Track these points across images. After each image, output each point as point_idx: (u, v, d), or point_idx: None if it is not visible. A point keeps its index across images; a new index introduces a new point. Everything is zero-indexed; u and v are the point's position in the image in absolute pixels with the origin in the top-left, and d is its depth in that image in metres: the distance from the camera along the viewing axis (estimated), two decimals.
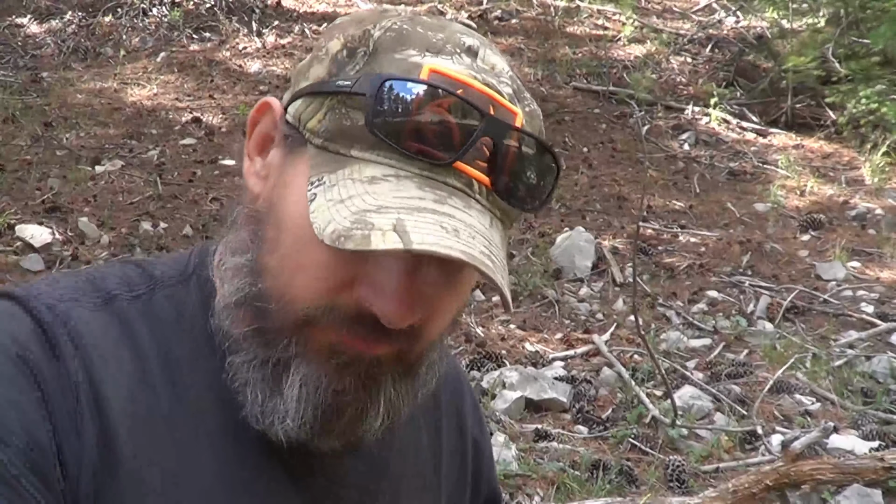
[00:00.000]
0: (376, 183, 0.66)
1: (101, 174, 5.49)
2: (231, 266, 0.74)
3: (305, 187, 0.69)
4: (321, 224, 0.65)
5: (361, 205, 0.65)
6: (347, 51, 0.71)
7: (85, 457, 0.68)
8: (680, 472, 3.24)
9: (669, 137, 7.31)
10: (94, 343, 0.72)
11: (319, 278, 0.69)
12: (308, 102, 0.71)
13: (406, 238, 0.62)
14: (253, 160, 0.76)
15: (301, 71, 0.75)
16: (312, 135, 0.70)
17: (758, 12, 8.71)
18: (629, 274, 4.98)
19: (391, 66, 0.68)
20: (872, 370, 4.14)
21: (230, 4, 8.11)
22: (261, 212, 0.73)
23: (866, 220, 6.09)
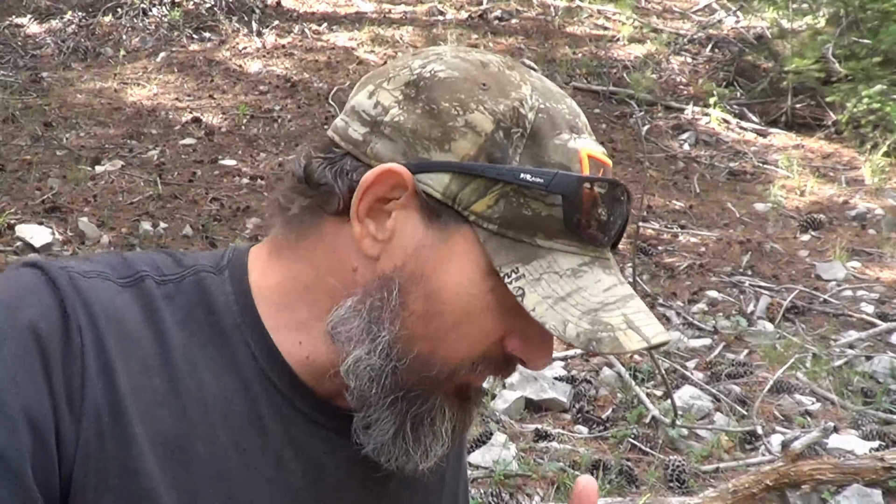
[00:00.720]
0: (580, 276, 0.73)
1: (101, 174, 5.49)
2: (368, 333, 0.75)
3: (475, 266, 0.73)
4: (557, 325, 0.71)
5: (585, 303, 0.72)
6: (503, 131, 0.73)
7: (81, 446, 0.68)
8: (680, 472, 3.24)
9: (669, 137, 7.31)
10: (115, 319, 0.73)
11: (479, 341, 0.75)
12: (464, 182, 0.72)
13: (643, 335, 0.72)
14: (363, 223, 0.75)
15: (423, 135, 0.74)
16: (480, 218, 0.72)
17: (758, 12, 8.71)
18: (629, 274, 4.98)
19: (556, 153, 0.74)
20: (872, 370, 4.14)
21: (230, 4, 8.12)
22: (400, 283, 0.74)
23: (866, 220, 6.09)
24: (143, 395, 0.72)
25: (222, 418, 0.75)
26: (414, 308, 0.74)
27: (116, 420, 0.70)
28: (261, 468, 0.76)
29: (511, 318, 0.74)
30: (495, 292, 0.73)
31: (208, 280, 0.79)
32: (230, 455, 0.75)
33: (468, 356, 0.75)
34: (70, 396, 0.68)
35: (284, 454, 0.77)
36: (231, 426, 0.75)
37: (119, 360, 0.71)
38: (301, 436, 0.79)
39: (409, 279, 0.74)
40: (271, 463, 0.77)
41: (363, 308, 0.75)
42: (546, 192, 0.71)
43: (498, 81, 0.75)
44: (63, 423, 0.67)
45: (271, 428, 0.77)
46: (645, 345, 0.72)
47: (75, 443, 0.68)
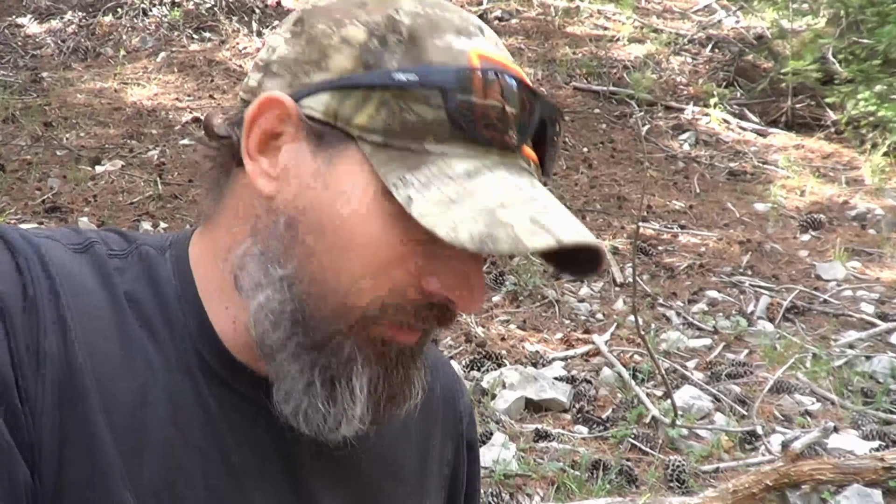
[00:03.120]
0: (476, 177, 0.67)
1: (101, 174, 5.49)
2: (266, 275, 0.71)
3: (366, 186, 0.68)
4: (446, 228, 0.64)
5: (479, 204, 0.65)
6: (377, 39, 0.69)
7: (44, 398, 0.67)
8: (680, 472, 3.24)
9: (669, 137, 7.31)
10: (69, 275, 0.71)
11: (386, 279, 0.69)
12: (342, 96, 0.69)
13: (553, 233, 0.64)
14: (256, 160, 0.72)
15: (303, 60, 0.71)
16: (364, 131, 0.68)
17: (758, 12, 8.71)
18: (629, 274, 4.98)
19: (438, 54, 0.68)
20: (872, 370, 4.14)
21: (230, 4, 8.12)
22: (293, 217, 0.70)
23: (866, 220, 6.09)
24: (97, 355, 0.70)
25: (168, 394, 0.73)
26: (308, 242, 0.69)
27: (71, 373, 0.68)
28: (202, 446, 0.74)
29: (420, 252, 0.69)
30: (393, 218, 0.67)
31: (152, 254, 0.78)
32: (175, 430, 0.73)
33: (374, 294, 0.69)
34: (31, 349, 0.67)
35: (222, 433, 0.75)
36: (176, 404, 0.73)
37: (73, 313, 0.70)
38: (236, 414, 0.76)
39: (301, 212, 0.70)
40: (213, 441, 0.75)
41: (256, 249, 0.72)
42: (423, 88, 0.66)
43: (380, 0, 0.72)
44: (26, 378, 0.66)
45: (212, 408, 0.75)
46: (553, 244, 0.63)
47: (39, 397, 0.66)
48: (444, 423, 0.95)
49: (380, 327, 0.71)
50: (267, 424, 0.77)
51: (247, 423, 0.77)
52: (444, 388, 0.95)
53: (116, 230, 0.81)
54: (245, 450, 0.76)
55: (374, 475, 0.85)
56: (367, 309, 0.70)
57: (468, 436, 0.98)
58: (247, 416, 0.77)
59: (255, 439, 0.77)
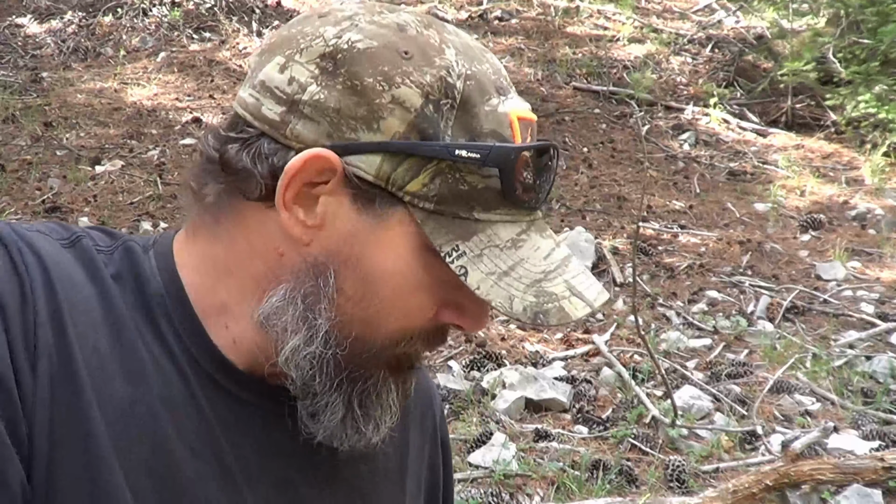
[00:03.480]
0: (520, 247, 0.74)
1: (101, 174, 5.49)
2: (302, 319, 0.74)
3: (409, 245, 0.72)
4: (504, 301, 0.71)
5: (528, 275, 0.73)
6: (432, 105, 0.70)
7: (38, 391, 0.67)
8: (680, 472, 3.24)
9: (669, 137, 7.31)
10: (61, 269, 0.72)
11: (416, 317, 0.75)
12: (396, 162, 0.70)
13: (586, 300, 0.74)
14: (291, 210, 0.72)
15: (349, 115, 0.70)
16: (416, 198, 0.71)
17: (758, 12, 8.71)
18: (629, 274, 4.98)
19: (487, 121, 0.72)
20: (872, 370, 4.14)
21: (230, 4, 8.12)
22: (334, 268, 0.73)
23: (866, 220, 6.09)
24: (89, 348, 0.70)
25: (161, 390, 0.73)
26: (350, 293, 0.73)
27: (66, 366, 0.68)
28: (195, 444, 0.74)
29: (445, 290, 0.74)
30: (430, 269, 0.72)
31: (136, 251, 0.78)
32: (168, 427, 0.73)
33: (405, 332, 0.75)
34: (27, 343, 0.67)
35: (215, 432, 0.76)
36: (167, 400, 0.73)
37: (67, 305, 0.70)
38: (230, 415, 0.77)
39: (343, 264, 0.72)
40: (205, 440, 0.75)
41: (297, 296, 0.73)
42: (483, 165, 0.70)
43: (419, 47, 0.72)
44: (22, 372, 0.66)
45: (203, 406, 0.75)
46: (589, 311, 0.73)
47: (33, 390, 0.66)
48: (423, 423, 0.96)
49: (402, 350, 0.78)
50: (260, 425, 0.78)
51: (240, 425, 0.77)
52: (419, 389, 0.96)
53: (103, 228, 0.82)
54: (238, 451, 0.77)
55: (363, 474, 0.86)
56: (396, 343, 0.76)
57: (442, 435, 1.01)
58: (240, 417, 0.78)
59: (248, 441, 0.78)
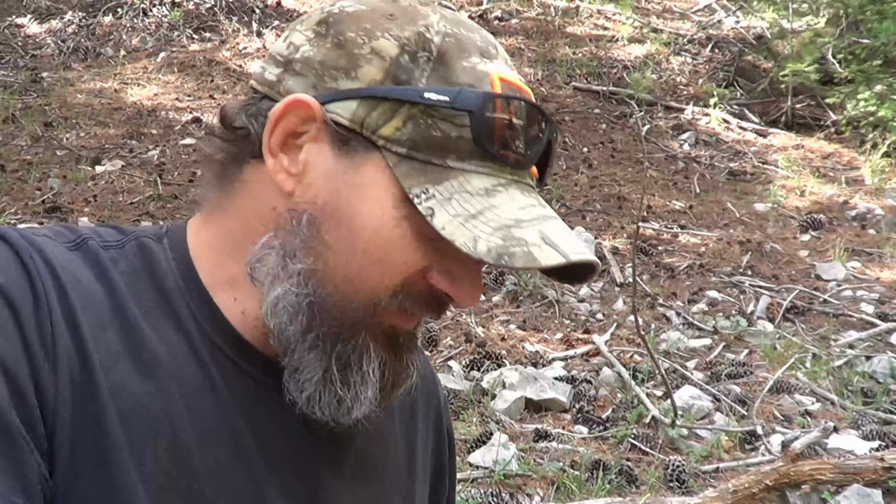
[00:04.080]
0: (494, 195, 0.72)
1: (101, 174, 5.49)
2: (285, 269, 0.74)
3: (386, 192, 0.72)
4: (467, 241, 0.69)
5: (497, 220, 0.71)
6: (409, 55, 0.73)
7: (60, 391, 0.68)
8: (680, 472, 3.24)
9: (669, 137, 7.31)
10: (70, 272, 0.73)
11: (399, 272, 0.74)
12: (371, 106, 0.72)
13: (561, 250, 0.70)
14: (277, 157, 0.75)
15: (331, 65, 0.74)
16: (389, 142, 0.72)
17: (758, 12, 8.71)
18: (629, 274, 4.98)
19: (465, 75, 0.73)
20: (872, 370, 4.14)
21: (230, 4, 8.12)
22: (314, 216, 0.74)
23: (866, 220, 6.09)
24: (102, 348, 0.71)
25: (176, 380, 0.74)
26: (327, 239, 0.73)
27: (83, 366, 0.69)
28: (213, 430, 0.75)
29: (431, 250, 0.73)
30: (409, 220, 0.72)
31: (149, 244, 0.79)
32: (185, 417, 0.73)
33: (386, 285, 0.74)
34: (44, 344, 0.68)
35: (234, 416, 0.76)
36: (184, 389, 0.74)
37: (79, 307, 0.71)
38: (248, 398, 0.78)
39: (321, 210, 0.74)
40: (224, 425, 0.76)
41: (276, 243, 0.75)
42: (452, 109, 0.71)
43: (406, 12, 0.76)
44: (41, 372, 0.67)
45: (222, 391, 0.76)
46: (563, 260, 0.70)
47: (54, 389, 0.67)
48: (427, 410, 0.97)
49: (389, 315, 0.75)
50: (277, 406, 0.78)
51: (258, 406, 0.78)
52: (423, 377, 0.97)
53: (112, 225, 0.82)
54: (256, 432, 0.78)
55: (376, 458, 0.88)
56: (381, 298, 0.74)
57: (447, 423, 1.02)
58: (257, 398, 0.78)
59: (265, 422, 0.78)
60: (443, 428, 1.00)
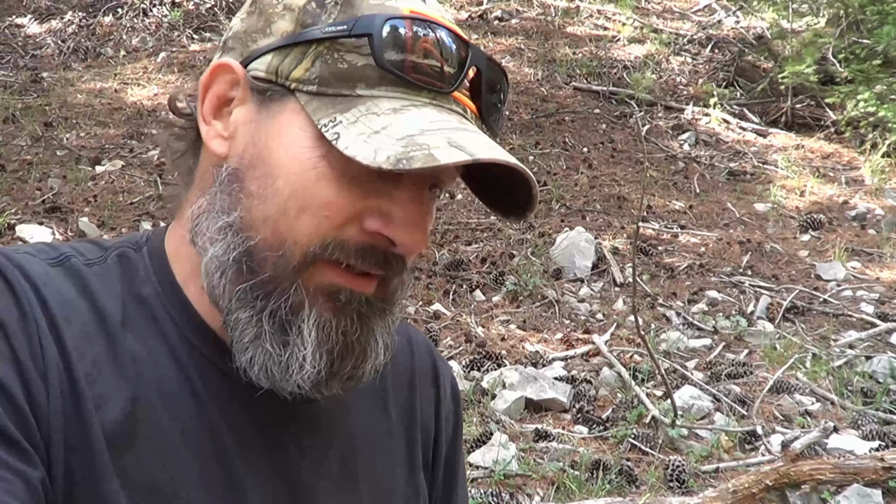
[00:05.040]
0: (402, 112, 0.71)
1: (101, 174, 5.49)
2: (216, 227, 0.74)
3: (302, 133, 0.72)
4: (368, 154, 0.67)
5: (401, 132, 0.69)
6: (316, 2, 0.74)
7: (52, 402, 0.69)
8: (680, 472, 3.24)
9: (669, 137, 7.31)
10: (52, 285, 0.74)
11: (326, 216, 0.71)
12: (283, 55, 0.73)
13: (467, 150, 0.67)
14: (210, 124, 0.77)
15: (252, 30, 0.77)
16: (300, 83, 0.72)
17: (758, 13, 8.72)
18: (629, 274, 4.98)
19: (370, 10, 0.72)
20: (872, 370, 4.14)
21: (230, 4, 8.12)
22: (238, 169, 0.74)
23: (866, 220, 6.10)
24: (87, 360, 0.72)
25: (157, 385, 0.74)
26: (252, 189, 0.73)
27: (69, 378, 0.70)
28: (194, 433, 0.75)
29: (360, 193, 0.72)
30: (328, 159, 0.71)
31: (129, 255, 0.81)
32: (167, 421, 0.74)
33: (315, 234, 0.71)
34: (34, 357, 0.69)
35: (214, 417, 0.76)
36: (164, 394, 0.75)
37: (61, 319, 0.72)
38: (226, 396, 0.78)
39: (247, 164, 0.74)
40: (205, 426, 0.76)
41: (205, 203, 0.76)
42: (352, 38, 0.71)
43: None
44: (33, 385, 0.68)
45: (201, 392, 0.76)
46: (467, 158, 0.67)
47: (47, 401, 0.68)
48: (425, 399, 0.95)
49: (326, 270, 0.73)
50: (254, 402, 0.78)
51: (235, 403, 0.78)
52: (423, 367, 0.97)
53: (91, 240, 0.83)
54: (235, 432, 0.77)
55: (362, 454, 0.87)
56: (309, 247, 0.72)
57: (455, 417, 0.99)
58: (235, 396, 0.78)
59: (243, 420, 0.78)
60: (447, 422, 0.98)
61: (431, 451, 0.96)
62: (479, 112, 0.76)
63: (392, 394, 0.92)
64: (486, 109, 0.77)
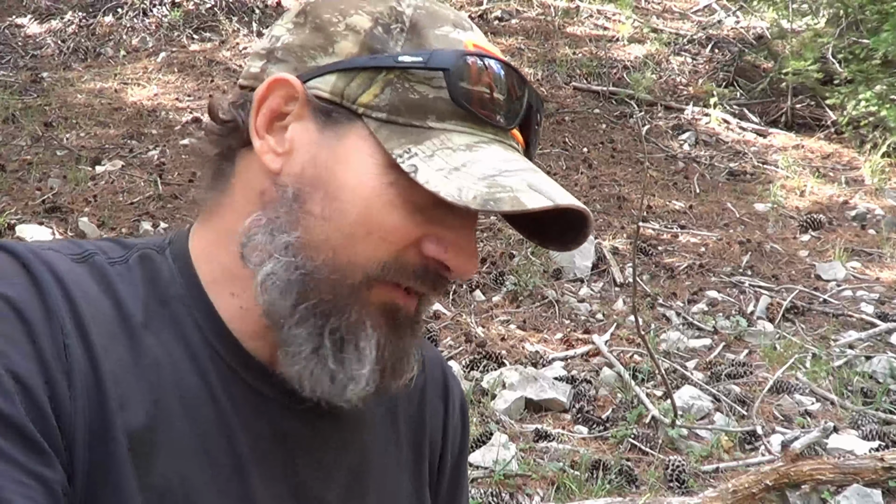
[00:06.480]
0: (475, 150, 0.72)
1: (101, 174, 5.49)
2: (276, 244, 0.74)
3: (370, 158, 0.72)
4: (451, 191, 0.69)
5: (481, 171, 0.71)
6: (382, 27, 0.74)
7: (75, 402, 0.68)
8: (680, 472, 3.24)
9: (669, 137, 7.31)
10: (78, 285, 0.73)
11: (390, 241, 0.73)
12: (349, 77, 0.73)
13: (548, 195, 0.70)
14: (264, 138, 0.76)
15: (309, 46, 0.76)
16: (369, 109, 0.73)
17: (758, 13, 8.71)
18: (629, 274, 4.98)
19: (438, 42, 0.74)
20: (872, 370, 4.14)
21: (230, 4, 8.12)
22: (299, 187, 0.74)
23: (866, 220, 6.09)
24: (112, 359, 0.72)
25: (177, 390, 0.74)
26: (314, 210, 0.73)
27: (95, 377, 0.70)
28: (212, 440, 0.75)
29: (422, 220, 0.73)
30: (396, 186, 0.72)
31: (153, 256, 0.80)
32: (186, 426, 0.74)
33: (376, 257, 0.73)
34: (58, 356, 0.68)
35: (233, 426, 0.77)
36: (185, 398, 0.75)
37: (88, 317, 0.72)
38: (248, 407, 0.78)
39: (308, 184, 0.74)
40: (222, 434, 0.76)
41: (263, 220, 0.75)
42: (427, 70, 0.72)
43: None
44: (57, 385, 0.68)
45: (221, 400, 0.76)
46: (549, 204, 0.69)
47: (71, 401, 0.68)
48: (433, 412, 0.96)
49: (384, 290, 0.75)
50: (275, 416, 0.78)
51: (254, 415, 0.78)
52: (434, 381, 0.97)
53: (112, 239, 0.83)
54: (252, 442, 0.78)
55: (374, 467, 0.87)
56: (369, 269, 0.73)
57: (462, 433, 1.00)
58: (257, 407, 0.78)
59: (262, 431, 0.78)
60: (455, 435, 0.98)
61: (437, 465, 0.97)
62: (527, 144, 0.79)
63: (402, 406, 0.92)
64: (532, 142, 0.79)
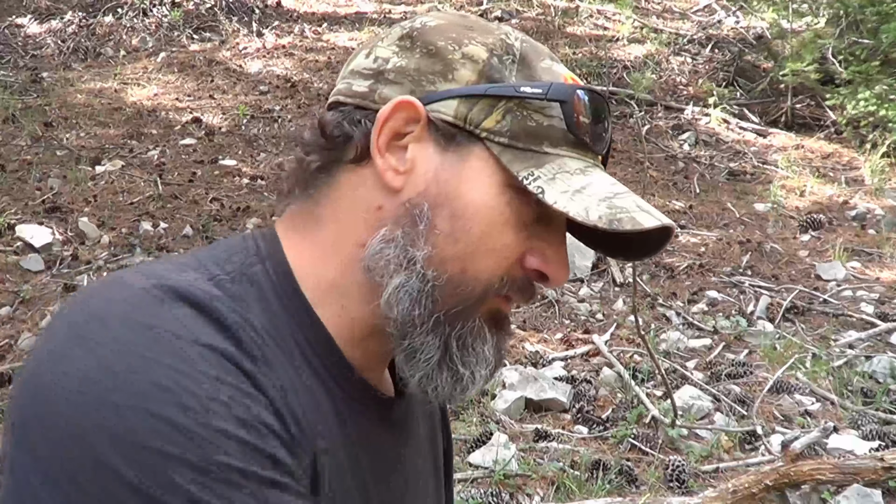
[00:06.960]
0: (587, 174, 0.80)
1: (101, 174, 5.49)
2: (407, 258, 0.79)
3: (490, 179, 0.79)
4: (579, 211, 0.76)
5: (600, 193, 0.79)
6: (497, 58, 0.81)
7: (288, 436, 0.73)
8: (680, 472, 3.24)
9: (669, 137, 7.31)
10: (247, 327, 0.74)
11: (505, 257, 0.80)
12: (471, 104, 0.79)
13: (655, 216, 0.78)
14: (384, 156, 0.80)
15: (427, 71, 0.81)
16: (492, 134, 0.79)
17: (758, 13, 8.71)
18: (629, 274, 4.98)
19: (544, 74, 0.82)
20: (872, 370, 4.14)
21: (230, 4, 8.12)
22: (426, 205, 0.79)
23: (866, 220, 6.10)
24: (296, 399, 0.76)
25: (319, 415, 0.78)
26: (442, 227, 0.79)
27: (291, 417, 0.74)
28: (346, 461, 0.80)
29: (528, 236, 0.80)
30: (512, 205, 0.79)
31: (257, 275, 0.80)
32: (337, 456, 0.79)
33: (496, 272, 0.80)
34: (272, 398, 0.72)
35: (357, 446, 0.82)
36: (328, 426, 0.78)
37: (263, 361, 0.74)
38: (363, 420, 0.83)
39: (434, 202, 0.79)
40: (350, 456, 0.81)
41: (396, 235, 0.79)
42: (545, 100, 0.79)
43: (480, 25, 0.86)
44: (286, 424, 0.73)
45: (346, 421, 0.81)
46: (658, 223, 0.77)
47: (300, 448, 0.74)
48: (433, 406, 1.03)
49: (496, 300, 0.82)
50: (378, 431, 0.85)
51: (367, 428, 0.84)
52: None
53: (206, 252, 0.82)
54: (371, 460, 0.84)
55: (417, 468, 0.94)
56: (490, 283, 0.80)
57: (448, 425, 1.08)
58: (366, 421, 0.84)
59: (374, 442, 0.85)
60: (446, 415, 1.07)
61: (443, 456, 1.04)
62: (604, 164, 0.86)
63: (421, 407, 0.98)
64: (607, 162, 0.87)
